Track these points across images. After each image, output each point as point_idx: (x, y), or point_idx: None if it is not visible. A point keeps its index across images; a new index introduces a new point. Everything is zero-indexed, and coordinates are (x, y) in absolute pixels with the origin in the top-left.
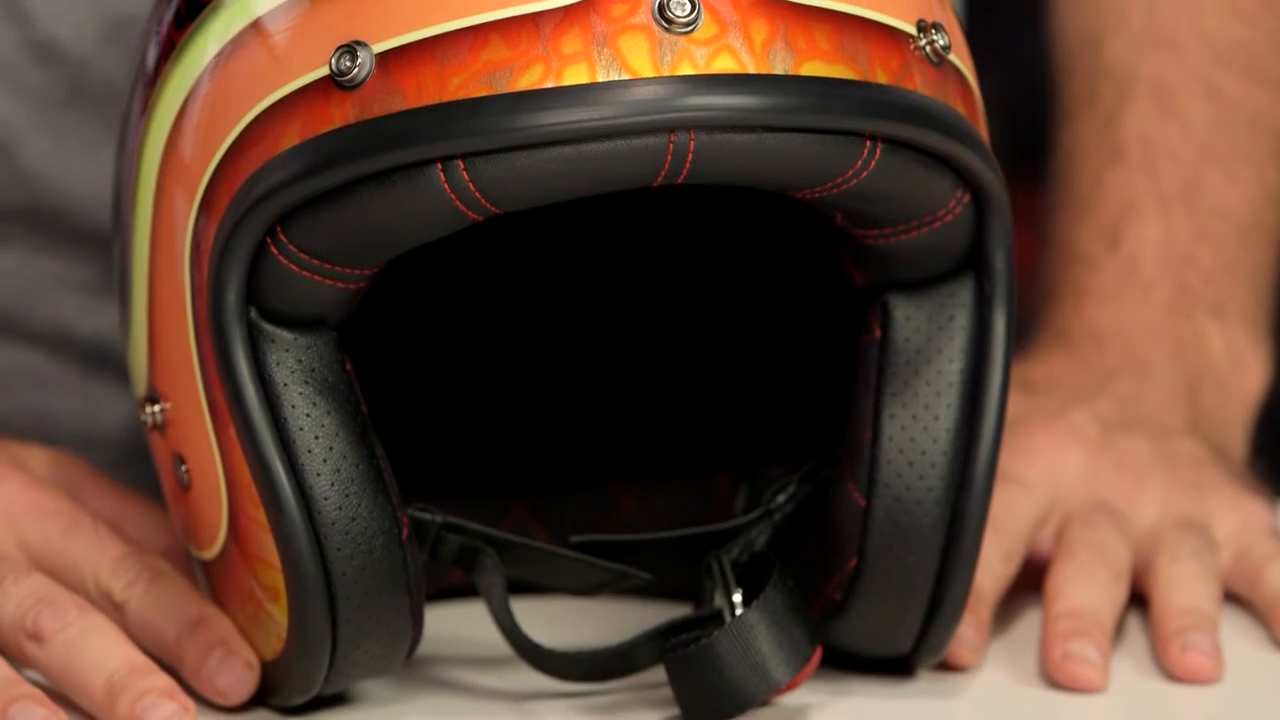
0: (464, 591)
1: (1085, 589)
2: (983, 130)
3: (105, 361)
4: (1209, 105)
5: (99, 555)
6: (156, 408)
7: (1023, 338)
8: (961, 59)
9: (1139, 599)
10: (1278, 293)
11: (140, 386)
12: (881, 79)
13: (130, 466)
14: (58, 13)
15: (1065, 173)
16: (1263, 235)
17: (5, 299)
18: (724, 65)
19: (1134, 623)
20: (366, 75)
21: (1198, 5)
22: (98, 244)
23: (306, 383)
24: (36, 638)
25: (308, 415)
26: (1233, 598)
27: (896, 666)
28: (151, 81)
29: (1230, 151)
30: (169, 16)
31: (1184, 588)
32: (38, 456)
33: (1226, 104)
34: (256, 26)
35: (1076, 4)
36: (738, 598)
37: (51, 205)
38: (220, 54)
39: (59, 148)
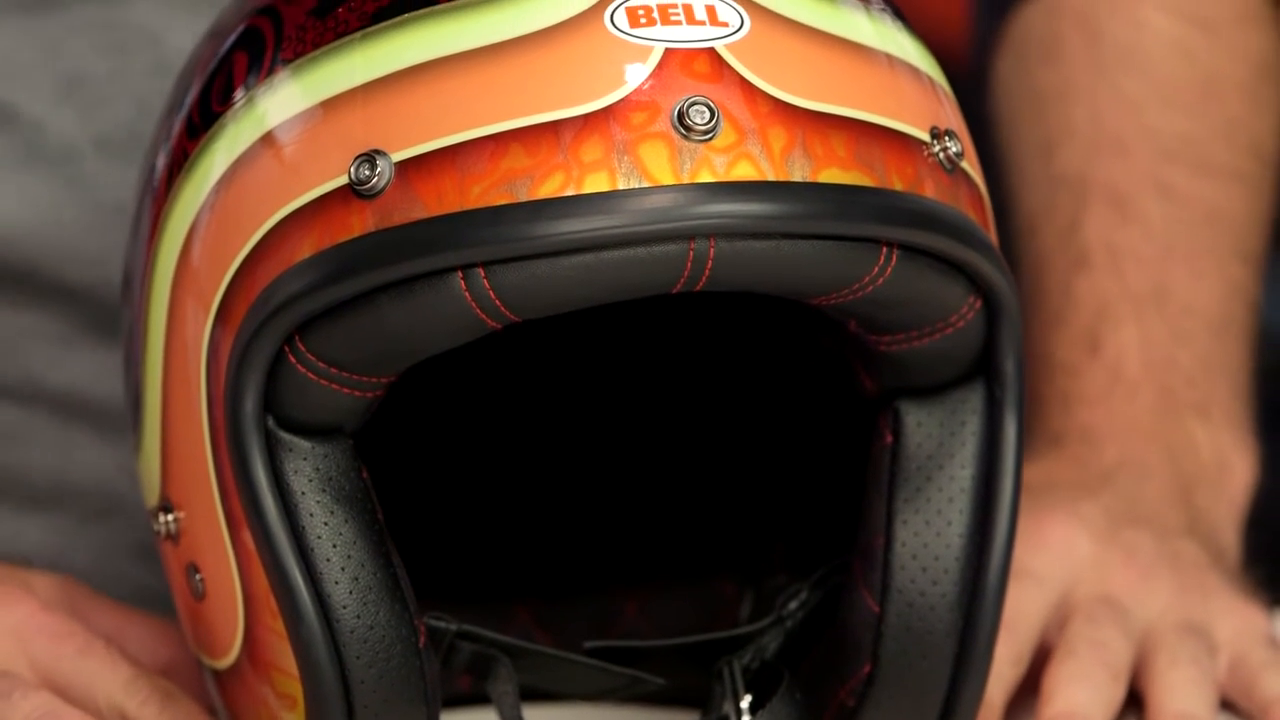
0: (474, 699)
1: (1080, 690)
2: (993, 236)
3: (77, 413)
4: (1164, 204)
5: (112, 675)
6: (170, 517)
7: None
8: (972, 166)
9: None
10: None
11: (152, 497)
12: (897, 186)
13: (108, 517)
14: (10, 74)
15: (1035, 285)
16: (1234, 331)
17: None
18: (743, 172)
19: None
20: (386, 184)
21: (1140, 104)
22: (64, 297)
23: (324, 491)
24: None
25: (325, 524)
26: (1230, 705)
27: None
28: (163, 193)
29: (1191, 249)
30: (179, 125)
31: (1179, 693)
32: (40, 580)
33: (1180, 201)
34: (269, 139)
35: (1023, 116)
36: (745, 704)
37: (16, 262)
38: (233, 165)
39: (20, 207)
